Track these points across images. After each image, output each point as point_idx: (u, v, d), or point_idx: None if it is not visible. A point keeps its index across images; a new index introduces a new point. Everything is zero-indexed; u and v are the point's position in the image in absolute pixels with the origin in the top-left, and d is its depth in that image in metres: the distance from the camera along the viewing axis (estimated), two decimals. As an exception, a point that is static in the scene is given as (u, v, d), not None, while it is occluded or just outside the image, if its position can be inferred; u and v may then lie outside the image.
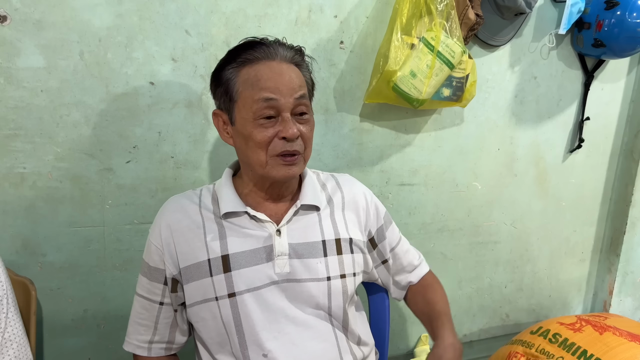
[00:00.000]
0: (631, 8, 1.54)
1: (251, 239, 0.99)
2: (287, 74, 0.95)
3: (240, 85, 0.95)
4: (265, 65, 0.95)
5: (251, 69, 0.95)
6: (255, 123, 0.94)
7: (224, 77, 0.97)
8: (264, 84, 0.93)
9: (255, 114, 0.93)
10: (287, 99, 0.94)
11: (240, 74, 0.95)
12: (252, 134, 0.94)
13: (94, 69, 1.21)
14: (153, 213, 1.07)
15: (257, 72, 0.94)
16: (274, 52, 0.96)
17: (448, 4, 1.37)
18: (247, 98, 0.94)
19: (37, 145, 1.21)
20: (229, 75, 0.96)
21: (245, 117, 0.94)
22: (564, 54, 1.76)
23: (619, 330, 1.46)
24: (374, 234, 1.15)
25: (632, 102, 1.92)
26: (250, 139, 0.94)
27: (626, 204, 1.97)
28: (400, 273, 1.21)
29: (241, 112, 0.95)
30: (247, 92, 0.94)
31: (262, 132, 0.94)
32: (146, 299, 1.04)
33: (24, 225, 1.24)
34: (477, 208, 1.77)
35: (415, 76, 1.34)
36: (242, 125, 0.95)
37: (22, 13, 1.13)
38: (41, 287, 1.26)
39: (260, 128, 0.94)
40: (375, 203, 1.16)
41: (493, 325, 1.94)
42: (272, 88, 0.93)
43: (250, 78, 0.94)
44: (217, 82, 0.99)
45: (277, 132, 0.94)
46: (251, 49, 0.96)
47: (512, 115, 1.73)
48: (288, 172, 0.97)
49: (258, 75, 0.94)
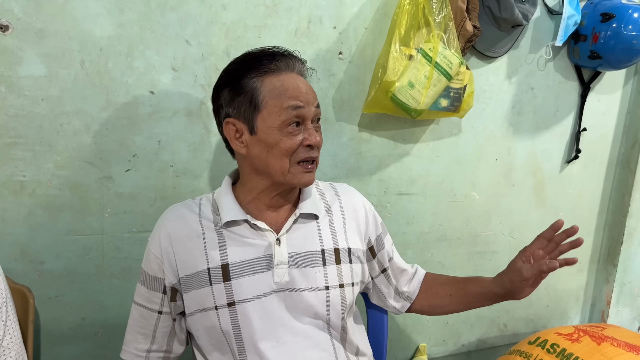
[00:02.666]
0: (627, 20, 1.56)
1: (251, 248, 1.00)
2: (305, 84, 0.99)
3: (267, 94, 0.95)
4: (288, 76, 0.98)
5: (276, 78, 0.96)
6: (284, 131, 0.95)
7: (247, 86, 0.96)
8: (291, 93, 0.95)
9: (283, 122, 0.95)
10: (309, 108, 0.97)
11: (265, 84, 0.96)
12: (281, 141, 0.95)
13: (95, 77, 1.22)
14: (152, 221, 1.07)
15: (282, 81, 0.96)
16: (293, 64, 0.99)
17: (446, 15, 1.38)
18: (274, 107, 0.95)
19: (37, 154, 1.21)
20: (253, 85, 0.96)
21: (272, 125, 0.95)
22: (561, 65, 1.77)
23: (617, 340, 1.46)
24: (374, 243, 1.15)
25: (628, 114, 1.93)
26: (277, 146, 0.96)
27: (623, 215, 1.98)
28: (402, 279, 1.21)
29: (266, 121, 0.96)
30: (275, 101, 0.95)
31: (290, 140, 0.96)
32: (145, 307, 1.03)
33: (22, 233, 1.24)
34: (475, 218, 1.78)
35: (413, 87, 1.36)
36: (267, 134, 0.96)
37: (24, 22, 1.14)
38: (39, 295, 1.25)
39: (290, 136, 0.96)
40: (373, 212, 1.17)
41: (491, 336, 1.94)
42: (299, 96, 0.96)
43: (276, 87, 0.96)
44: (238, 91, 0.97)
45: (302, 140, 0.96)
46: (274, 60, 0.97)
47: (510, 125, 1.74)
48: (309, 179, 1.00)
49: (285, 85, 0.96)
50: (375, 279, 1.19)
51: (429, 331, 1.81)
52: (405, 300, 1.22)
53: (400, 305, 1.22)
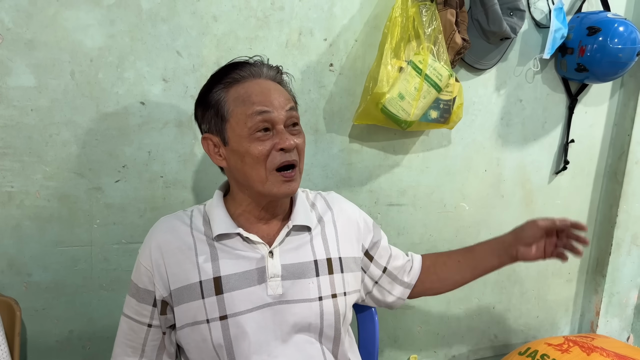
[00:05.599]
0: (612, 34, 1.58)
1: (243, 261, 0.99)
2: (274, 89, 0.98)
3: (231, 103, 0.95)
4: (254, 83, 0.97)
5: (240, 87, 0.96)
6: (251, 138, 0.94)
7: (213, 99, 0.97)
8: (255, 99, 0.94)
9: (250, 129, 0.94)
10: (279, 112, 0.95)
11: (230, 93, 0.96)
12: (249, 149, 0.94)
13: (85, 88, 1.22)
14: (141, 233, 1.06)
15: (246, 89, 0.96)
16: (259, 71, 0.99)
17: (435, 28, 1.40)
18: (239, 115, 0.94)
19: (25, 164, 1.20)
20: (218, 97, 0.97)
21: (240, 134, 0.95)
22: (549, 77, 1.80)
23: (606, 351, 1.47)
24: (368, 247, 1.15)
25: (615, 125, 1.96)
26: (248, 154, 0.95)
27: (611, 225, 1.99)
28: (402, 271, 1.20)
29: (235, 131, 0.95)
30: (239, 109, 0.95)
31: (259, 146, 0.94)
32: (134, 320, 1.02)
33: (10, 244, 1.23)
34: (464, 228, 1.78)
35: (403, 98, 1.37)
36: (238, 143, 0.95)
37: (14, 33, 1.14)
38: (26, 308, 1.24)
39: (257, 142, 0.94)
40: (363, 217, 1.17)
41: (482, 347, 1.94)
42: (264, 102, 0.95)
43: (240, 95, 0.95)
44: (205, 106, 0.99)
45: (274, 144, 0.95)
46: (237, 69, 0.98)
47: (499, 137, 1.76)
48: (288, 189, 0.98)
49: (248, 92, 0.95)
50: (378, 281, 1.18)
51: (420, 342, 1.81)
52: (407, 288, 1.21)
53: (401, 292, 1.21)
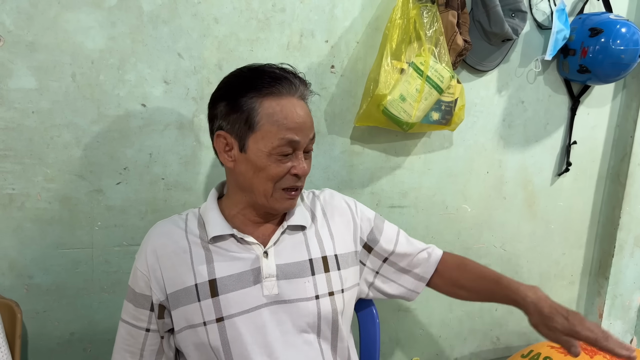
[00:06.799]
0: (615, 35, 1.58)
1: (238, 262, 0.99)
2: (305, 112, 0.98)
3: (264, 117, 0.94)
4: (290, 102, 0.96)
5: (275, 103, 0.95)
6: (272, 157, 0.95)
7: (245, 105, 0.95)
8: (290, 124, 0.94)
9: (274, 149, 0.94)
10: (305, 140, 0.97)
11: (264, 106, 0.94)
12: (268, 167, 0.95)
13: (86, 90, 1.22)
14: (142, 235, 1.06)
15: (282, 107, 0.95)
16: (296, 89, 0.97)
17: (437, 30, 1.40)
18: (269, 132, 0.94)
19: (26, 166, 1.20)
20: (252, 104, 0.94)
21: (262, 149, 0.94)
22: (551, 79, 1.79)
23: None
24: (366, 240, 1.14)
25: (617, 127, 1.95)
26: (264, 171, 0.96)
27: (614, 227, 1.99)
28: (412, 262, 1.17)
29: (258, 144, 0.95)
30: (272, 127, 0.94)
31: (278, 167, 0.96)
32: (132, 325, 1.02)
33: (11, 246, 1.22)
34: (466, 230, 1.78)
35: (404, 100, 1.36)
36: (257, 156, 0.95)
37: (15, 35, 1.14)
38: (27, 310, 1.24)
39: (278, 163, 0.96)
40: (360, 210, 1.16)
41: (484, 349, 1.93)
42: (296, 129, 0.95)
43: (276, 113, 0.94)
44: (235, 108, 0.96)
45: (290, 168, 0.97)
46: (277, 82, 0.95)
47: (500, 138, 1.75)
48: (290, 205, 1.02)
49: (284, 112, 0.94)
50: (379, 271, 1.16)
51: (422, 345, 1.80)
52: (419, 281, 1.18)
53: (413, 284, 1.18)
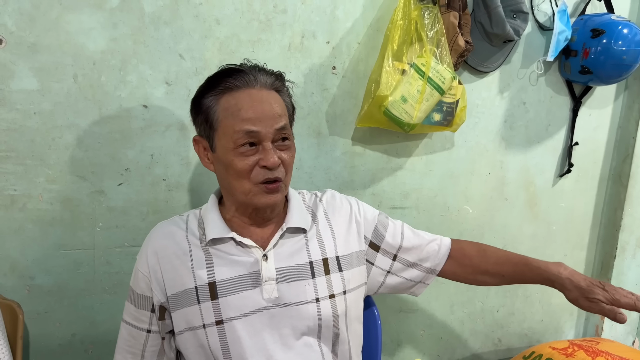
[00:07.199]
0: (616, 36, 1.58)
1: (238, 266, 0.99)
2: (267, 102, 0.95)
3: (221, 113, 0.95)
4: (246, 94, 0.95)
5: (231, 97, 0.95)
6: (236, 152, 0.94)
7: (204, 105, 0.97)
8: (245, 115, 0.93)
9: (235, 143, 0.93)
10: (268, 130, 0.94)
11: (221, 102, 0.95)
12: (233, 162, 0.94)
13: (88, 91, 1.22)
14: (144, 236, 1.06)
15: (237, 100, 0.94)
16: (254, 80, 0.96)
17: (438, 31, 1.40)
18: (227, 127, 0.94)
19: (28, 168, 1.20)
20: (209, 103, 0.96)
21: (226, 145, 0.94)
22: (552, 80, 1.79)
23: (612, 355, 1.46)
24: (371, 238, 1.13)
25: (619, 128, 1.95)
26: (231, 167, 0.95)
27: (616, 229, 1.98)
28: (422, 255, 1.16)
29: (221, 141, 0.95)
30: (228, 122, 0.94)
31: (242, 161, 0.94)
32: (133, 326, 1.02)
33: (12, 247, 1.23)
34: (468, 232, 1.77)
35: (406, 101, 1.36)
36: (223, 154, 0.95)
37: (16, 36, 1.14)
38: (29, 311, 1.24)
39: (241, 157, 0.94)
40: (363, 208, 1.15)
41: (485, 350, 1.93)
42: (253, 119, 0.93)
43: (230, 106, 0.94)
44: (197, 110, 0.99)
45: (257, 160, 0.94)
46: (231, 77, 0.95)
47: (502, 140, 1.75)
48: (270, 200, 0.98)
49: (239, 105, 0.93)
50: (391, 270, 1.15)
51: (423, 346, 1.80)
52: (430, 273, 1.17)
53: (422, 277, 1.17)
